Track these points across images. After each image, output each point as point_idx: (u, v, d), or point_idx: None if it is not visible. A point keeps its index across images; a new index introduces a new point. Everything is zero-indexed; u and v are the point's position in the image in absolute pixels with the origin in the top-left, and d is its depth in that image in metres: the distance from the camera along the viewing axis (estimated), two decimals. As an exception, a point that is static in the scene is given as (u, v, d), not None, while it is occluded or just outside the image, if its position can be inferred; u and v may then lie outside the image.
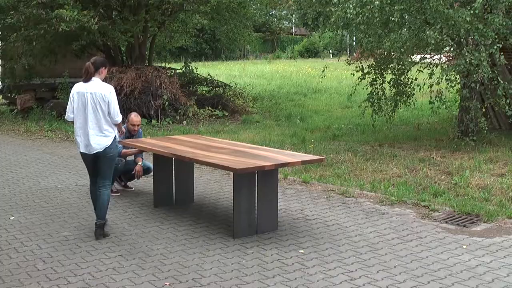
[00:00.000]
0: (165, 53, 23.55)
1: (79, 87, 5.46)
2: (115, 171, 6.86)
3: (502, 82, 9.07)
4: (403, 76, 10.48)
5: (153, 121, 13.24)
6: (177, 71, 16.06)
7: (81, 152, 5.54)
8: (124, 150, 7.07)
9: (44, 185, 7.75)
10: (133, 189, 7.50)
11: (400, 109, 12.07)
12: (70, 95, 5.52)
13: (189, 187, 6.83)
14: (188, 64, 16.31)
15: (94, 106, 5.37)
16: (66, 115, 5.55)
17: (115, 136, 5.55)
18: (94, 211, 5.66)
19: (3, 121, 14.23)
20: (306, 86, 20.98)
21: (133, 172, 7.22)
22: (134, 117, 7.19)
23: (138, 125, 7.17)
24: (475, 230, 5.72)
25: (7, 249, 5.23)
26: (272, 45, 46.56)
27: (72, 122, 5.55)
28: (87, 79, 5.41)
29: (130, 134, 7.15)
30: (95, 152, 5.45)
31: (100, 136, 5.42)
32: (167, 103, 13.52)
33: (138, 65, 14.48)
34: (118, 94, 13.01)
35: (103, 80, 5.51)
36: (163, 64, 17.41)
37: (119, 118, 5.49)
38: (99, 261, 4.92)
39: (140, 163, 7.17)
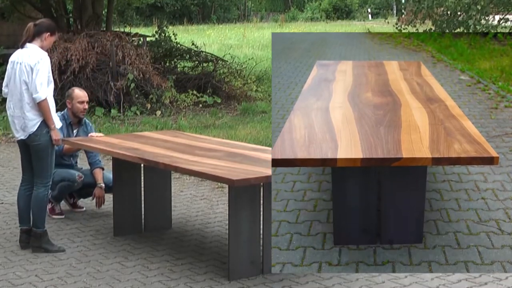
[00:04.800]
0: (130, 13, 23.60)
1: (14, 55, 5.95)
2: (68, 188, 7.04)
3: None
4: (475, 46, 10.47)
5: (112, 110, 13.21)
6: (148, 39, 16.05)
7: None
8: (66, 146, 7.06)
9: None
10: (84, 209, 7.51)
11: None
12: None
13: (165, 207, 6.84)
14: (164, 28, 16.31)
15: (19, 79, 5.80)
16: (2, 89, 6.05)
17: (42, 120, 5.86)
18: (18, 219, 6.18)
19: None
20: (334, 61, 20.97)
21: (92, 198, 7.24)
22: (79, 91, 7.29)
23: (87, 102, 7.25)
24: None
25: None
26: (285, 1, 46.56)
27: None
28: (22, 44, 5.86)
29: (77, 119, 7.22)
30: (19, 138, 5.97)
31: (24, 119, 5.86)
32: (133, 85, 13.52)
33: (91, 30, 14.49)
34: (63, 71, 13.13)
35: (46, 51, 5.91)
36: (127, 29, 17.42)
37: (39, 94, 5.71)
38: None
39: (100, 183, 7.15)
